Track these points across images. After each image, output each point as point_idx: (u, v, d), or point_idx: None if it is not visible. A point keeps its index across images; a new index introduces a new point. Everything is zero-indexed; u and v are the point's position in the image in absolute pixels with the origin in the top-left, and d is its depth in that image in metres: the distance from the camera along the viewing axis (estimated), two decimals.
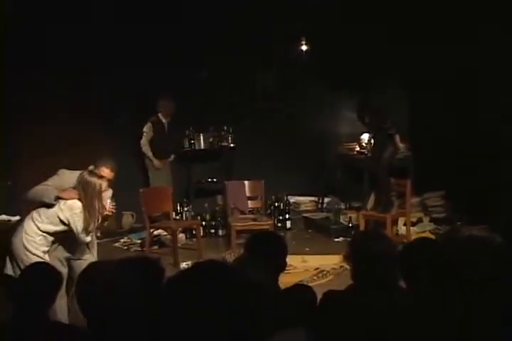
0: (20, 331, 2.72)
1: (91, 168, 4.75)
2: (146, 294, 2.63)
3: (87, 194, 4.49)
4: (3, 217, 6.13)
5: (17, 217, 6.03)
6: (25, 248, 4.48)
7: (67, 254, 4.72)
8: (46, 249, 4.57)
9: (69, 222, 4.49)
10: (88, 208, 4.49)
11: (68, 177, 4.69)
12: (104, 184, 4.59)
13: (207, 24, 8.09)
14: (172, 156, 8.44)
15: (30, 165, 7.33)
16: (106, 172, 4.78)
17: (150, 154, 8.16)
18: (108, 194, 4.79)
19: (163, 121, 8.22)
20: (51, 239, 4.59)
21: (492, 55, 7.17)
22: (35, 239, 4.51)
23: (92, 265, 2.86)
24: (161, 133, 8.20)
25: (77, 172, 4.69)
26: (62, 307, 4.38)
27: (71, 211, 4.48)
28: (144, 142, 8.14)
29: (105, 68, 7.75)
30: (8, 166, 7.34)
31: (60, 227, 4.54)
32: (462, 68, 7.50)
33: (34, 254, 4.45)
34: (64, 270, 4.54)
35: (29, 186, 4.73)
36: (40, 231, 4.52)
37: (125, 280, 2.53)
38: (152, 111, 8.11)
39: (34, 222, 4.53)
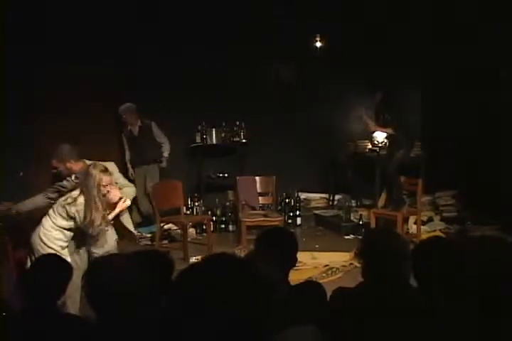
0: (29, 322, 2.73)
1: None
2: (155, 287, 2.64)
3: (87, 186, 4.50)
4: None
5: None
6: (41, 240, 4.56)
7: (87, 247, 4.75)
8: (64, 244, 4.63)
9: (75, 216, 4.53)
10: (88, 201, 4.50)
11: None
12: (107, 178, 4.57)
13: (223, 17, 8.09)
14: (163, 163, 8.14)
15: (42, 155, 7.36)
16: (76, 165, 4.82)
17: (128, 165, 8.04)
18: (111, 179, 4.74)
19: (129, 128, 8.00)
20: (69, 233, 4.64)
21: (507, 54, 7.15)
22: (52, 232, 4.58)
23: (100, 258, 2.86)
24: (131, 142, 8.01)
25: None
26: (75, 300, 4.39)
27: (76, 206, 4.52)
28: (126, 154, 8.07)
29: (120, 57, 7.79)
30: (19, 156, 7.35)
31: (71, 222, 4.58)
32: (476, 67, 7.46)
33: (50, 247, 4.51)
34: (81, 263, 4.59)
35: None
36: (56, 226, 4.58)
37: (134, 274, 2.53)
38: (165, 102, 8.06)
39: (50, 217, 4.61)
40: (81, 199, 4.51)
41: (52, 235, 4.56)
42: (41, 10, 7.25)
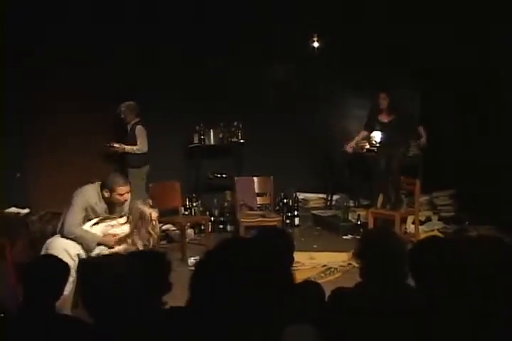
0: (27, 323, 2.72)
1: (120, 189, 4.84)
2: (151, 287, 2.64)
3: (138, 221, 4.71)
4: (13, 209, 6.12)
5: (26, 210, 6.04)
6: (52, 247, 4.62)
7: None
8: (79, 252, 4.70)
9: None
10: (136, 233, 4.72)
11: (91, 192, 4.83)
12: (155, 213, 4.79)
13: (219, 18, 8.08)
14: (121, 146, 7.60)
15: (41, 156, 7.35)
16: (122, 189, 4.80)
17: None
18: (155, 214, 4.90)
19: (127, 126, 7.67)
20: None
21: (506, 55, 7.14)
22: (66, 245, 4.63)
23: (96, 258, 2.86)
24: (124, 140, 7.65)
25: (96, 185, 4.86)
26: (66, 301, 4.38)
27: (117, 231, 4.78)
28: None
29: (120, 57, 7.76)
30: (18, 157, 7.34)
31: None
32: (475, 67, 7.47)
33: (69, 254, 4.55)
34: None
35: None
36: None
37: (130, 274, 2.53)
38: (163, 102, 8.01)
39: None
40: (125, 228, 4.74)
41: (66, 248, 4.61)
42: (41, 9, 7.23)
